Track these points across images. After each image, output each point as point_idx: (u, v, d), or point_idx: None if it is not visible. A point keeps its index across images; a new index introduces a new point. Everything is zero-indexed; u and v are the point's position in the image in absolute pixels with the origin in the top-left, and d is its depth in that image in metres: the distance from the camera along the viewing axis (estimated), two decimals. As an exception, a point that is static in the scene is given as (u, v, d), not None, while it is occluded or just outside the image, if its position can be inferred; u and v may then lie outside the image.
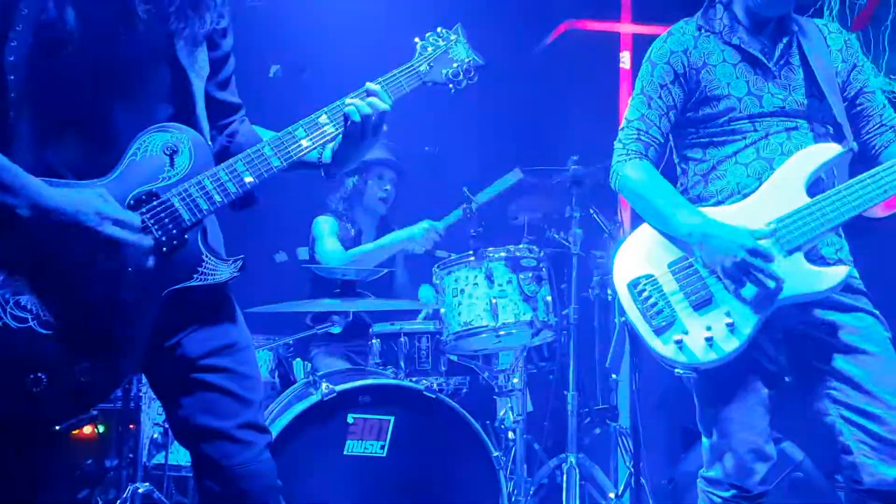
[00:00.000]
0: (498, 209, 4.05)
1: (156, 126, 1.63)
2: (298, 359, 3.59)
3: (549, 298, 3.16)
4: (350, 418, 2.71)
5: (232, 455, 1.66)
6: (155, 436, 3.22)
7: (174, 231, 1.61)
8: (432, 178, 4.26)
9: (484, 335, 3.10)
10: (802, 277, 1.97)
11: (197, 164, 1.65)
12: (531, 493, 3.27)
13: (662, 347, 2.02)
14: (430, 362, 3.28)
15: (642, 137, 2.20)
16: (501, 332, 3.09)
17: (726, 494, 2.08)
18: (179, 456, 3.21)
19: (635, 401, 3.40)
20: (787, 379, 2.09)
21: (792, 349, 2.06)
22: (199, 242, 1.66)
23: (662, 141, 2.20)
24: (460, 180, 3.59)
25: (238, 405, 1.69)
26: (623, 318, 2.10)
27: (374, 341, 3.30)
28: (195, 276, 1.63)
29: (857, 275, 2.08)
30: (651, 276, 2.08)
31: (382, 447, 2.72)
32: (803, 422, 2.22)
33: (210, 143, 1.73)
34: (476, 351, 3.38)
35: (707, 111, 2.14)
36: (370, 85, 1.82)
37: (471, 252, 3.16)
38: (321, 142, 1.77)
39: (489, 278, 3.10)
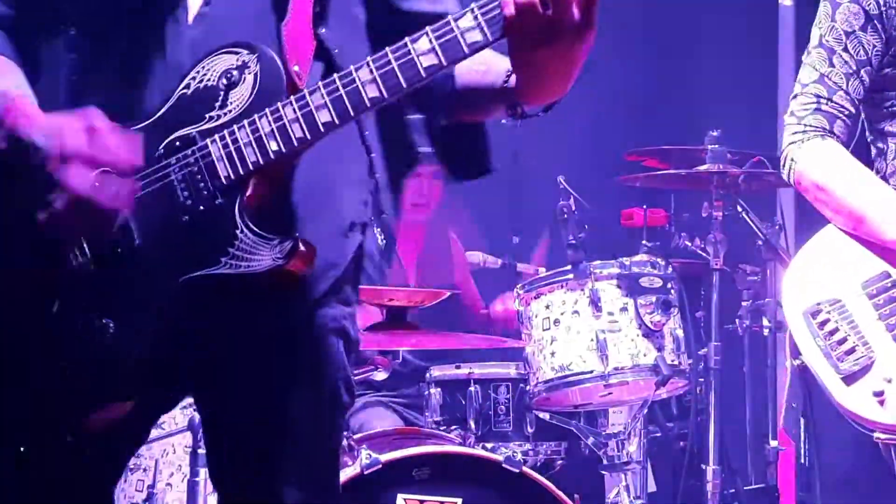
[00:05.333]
0: (607, 207, 4.02)
1: (224, 45, 1.56)
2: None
3: (679, 333, 3.12)
4: (401, 501, 2.70)
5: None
6: None
7: (204, 192, 1.55)
8: (512, 166, 4.26)
9: (588, 384, 3.08)
10: None
11: (259, 98, 1.55)
12: None
13: (855, 401, 2.01)
14: (510, 422, 3.26)
15: (824, 107, 2.19)
16: (612, 381, 3.06)
17: None
18: None
19: (810, 478, 3.33)
20: None
21: None
22: (237, 211, 1.55)
23: (853, 111, 2.20)
24: (553, 170, 3.58)
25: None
26: (798, 361, 2.10)
27: (431, 391, 3.28)
28: (223, 258, 1.55)
29: None
30: (838, 300, 2.06)
31: (446, 541, 2.70)
32: None
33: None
34: (577, 406, 3.34)
35: None
36: None
37: (569, 268, 3.14)
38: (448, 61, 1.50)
39: (595, 304, 3.07)
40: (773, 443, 3.80)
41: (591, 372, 3.03)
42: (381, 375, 3.09)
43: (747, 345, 3.90)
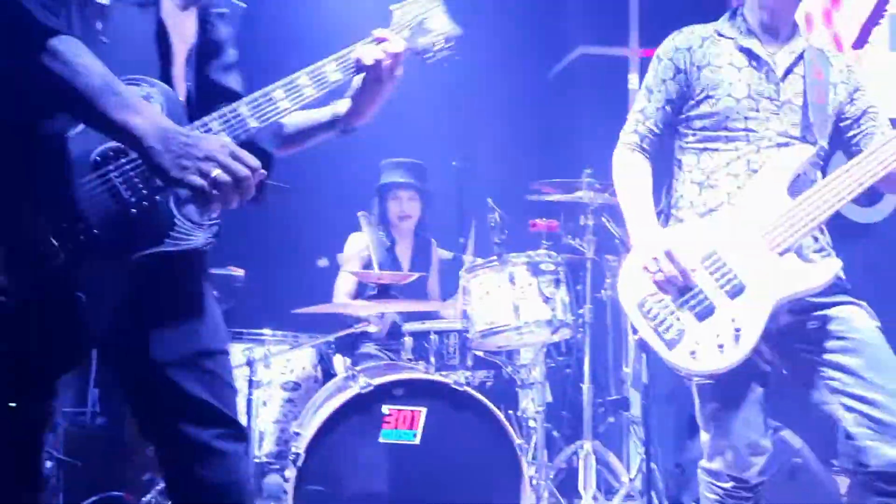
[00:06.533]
0: (519, 219, 4.02)
1: (125, 77, 1.36)
2: (339, 354, 3.56)
3: (566, 299, 3.10)
4: (385, 409, 2.67)
5: (209, 466, 1.47)
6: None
7: (144, 192, 1.37)
8: (460, 190, 4.24)
9: (507, 333, 3.06)
10: (798, 275, 1.90)
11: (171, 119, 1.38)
12: (550, 477, 3.22)
13: (678, 359, 1.93)
14: (458, 358, 3.23)
15: (639, 129, 2.13)
16: (523, 330, 3.04)
17: (726, 485, 2.03)
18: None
19: (645, 392, 3.36)
20: (784, 372, 2.03)
21: (786, 346, 1.99)
22: (172, 205, 1.41)
23: (659, 133, 2.13)
24: (485, 193, 3.57)
25: (217, 413, 1.49)
26: (637, 336, 2.00)
27: (406, 339, 3.26)
28: (166, 240, 1.39)
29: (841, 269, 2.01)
30: (655, 293, 1.98)
31: (415, 436, 2.68)
32: (801, 412, 2.16)
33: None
34: (500, 347, 3.32)
35: (704, 109, 2.05)
36: (378, 31, 1.59)
37: (495, 258, 3.12)
38: (300, 103, 1.50)
39: (511, 281, 3.05)
40: (626, 369, 3.82)
41: (508, 325, 3.02)
42: (374, 329, 3.08)
43: (609, 307, 3.90)
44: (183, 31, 1.52)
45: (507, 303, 3.02)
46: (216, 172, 1.30)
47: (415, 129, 4.49)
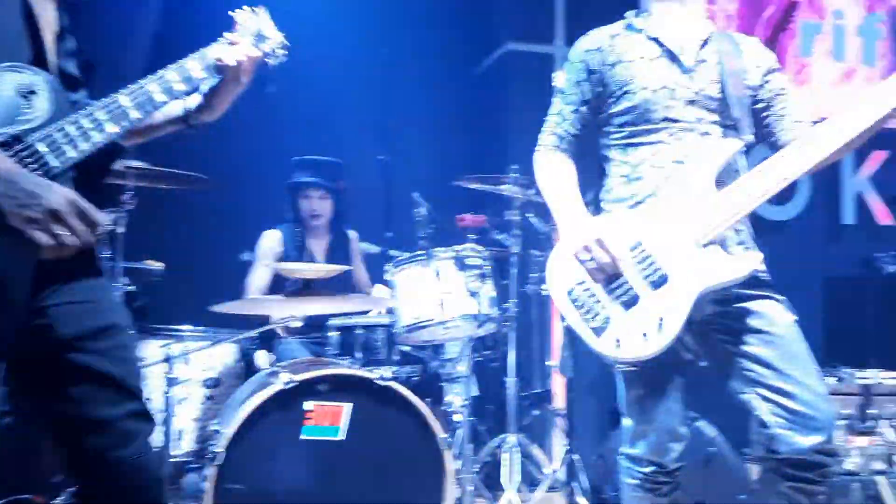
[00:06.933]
0: (447, 214, 4.01)
1: (6, 64, 1.37)
2: (261, 350, 3.47)
3: (491, 294, 3.10)
4: (308, 406, 2.61)
5: (118, 447, 1.46)
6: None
7: (42, 176, 1.37)
8: (387, 184, 4.20)
9: (432, 327, 3.03)
10: (719, 267, 1.94)
11: (57, 110, 1.41)
12: (476, 470, 3.22)
13: (603, 347, 1.97)
14: (384, 353, 3.20)
15: (556, 130, 2.16)
16: (449, 325, 3.02)
17: (646, 470, 2.08)
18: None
19: (569, 385, 3.40)
20: (702, 364, 2.08)
21: (706, 336, 2.04)
22: (73, 188, 1.41)
23: (577, 133, 2.15)
24: (412, 187, 3.54)
25: (123, 393, 1.48)
26: (565, 323, 2.04)
27: (331, 333, 3.20)
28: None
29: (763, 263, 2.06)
30: (582, 281, 2.01)
31: (338, 432, 2.62)
32: (716, 402, 2.24)
33: None
34: (426, 341, 3.31)
35: (624, 105, 2.07)
36: (231, 35, 1.71)
37: (421, 252, 3.09)
38: (173, 97, 1.60)
39: (438, 276, 3.03)
40: (550, 362, 3.85)
41: (434, 319, 3.00)
42: (296, 323, 3.00)
43: (535, 301, 3.93)
44: (48, 17, 1.52)
45: (433, 297, 3.00)
46: (63, 236, 1.33)
47: (342, 123, 4.45)
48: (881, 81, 1.92)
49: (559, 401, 3.81)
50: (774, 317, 1.99)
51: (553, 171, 2.14)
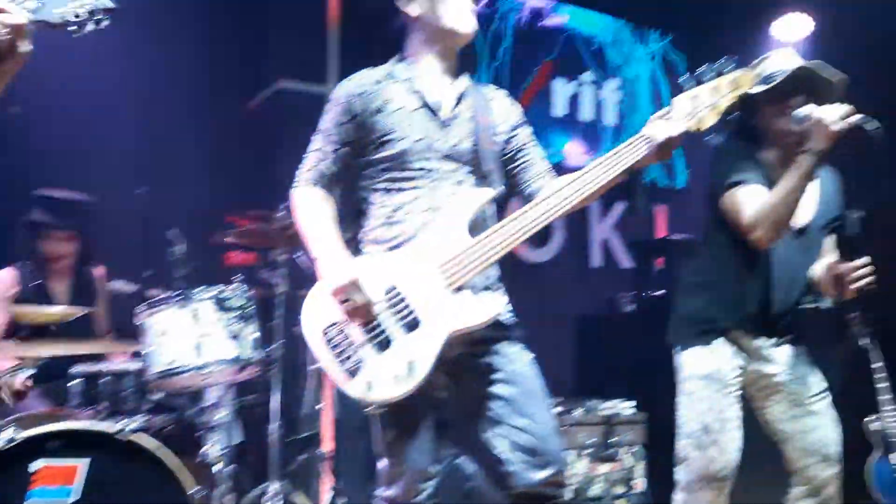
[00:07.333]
0: (215, 252, 3.83)
1: None
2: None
3: (255, 335, 2.97)
4: (35, 466, 2.34)
5: None
6: None
7: None
8: (145, 221, 3.93)
9: (189, 373, 2.84)
10: (468, 311, 2.02)
11: None
12: (236, 522, 3.05)
13: (354, 389, 1.97)
14: (133, 402, 2.93)
15: (316, 168, 2.15)
16: (206, 370, 2.84)
17: None
18: None
19: (337, 427, 3.35)
20: (452, 403, 2.13)
21: (457, 376, 2.12)
22: None
23: (335, 172, 2.16)
24: (178, 224, 3.34)
25: None
26: (317, 366, 2.01)
27: (73, 382, 2.90)
28: None
29: (509, 306, 2.20)
30: (338, 322, 2.01)
31: (71, 493, 2.36)
32: (471, 439, 2.28)
33: None
34: (182, 388, 3.07)
35: (384, 153, 2.12)
36: None
37: (178, 292, 2.91)
38: None
39: (195, 318, 2.85)
40: (318, 406, 3.78)
41: (190, 365, 2.82)
42: (26, 372, 2.68)
43: (303, 342, 3.82)
44: None
45: (190, 341, 2.83)
46: None
47: (102, 156, 4.14)
48: (617, 147, 2.11)
49: (328, 444, 3.73)
50: (515, 357, 2.11)
51: (312, 208, 2.13)
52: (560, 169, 2.33)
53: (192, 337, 2.83)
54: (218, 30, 4.57)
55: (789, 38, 5.36)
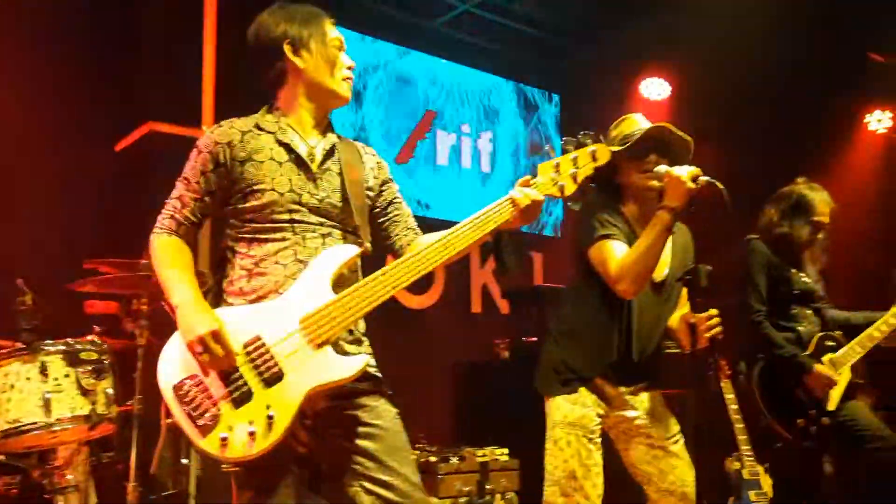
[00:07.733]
0: (75, 300, 3.60)
1: None
2: None
3: (111, 390, 2.84)
4: None
5: None
6: None
7: None
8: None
9: (36, 432, 2.67)
10: (331, 366, 1.97)
11: None
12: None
13: (208, 446, 1.87)
14: (-29, 464, 2.73)
15: (176, 216, 2.08)
16: (55, 427, 2.69)
17: None
18: None
19: (198, 486, 3.18)
20: (316, 459, 2.07)
21: (320, 431, 2.05)
22: None
23: (196, 221, 2.10)
24: (31, 272, 3.13)
25: None
26: (170, 420, 1.91)
27: None
28: None
29: (374, 361, 2.16)
30: (195, 375, 1.92)
31: None
32: (337, 495, 2.21)
33: None
34: (28, 448, 2.88)
35: (251, 203, 2.07)
36: None
37: (23, 346, 2.74)
38: None
39: (43, 373, 2.70)
40: (185, 461, 3.57)
41: (37, 423, 2.65)
42: None
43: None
44: None
45: (37, 397, 2.68)
46: None
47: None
48: (485, 209, 2.14)
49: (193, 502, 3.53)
50: (381, 411, 2.08)
51: (170, 256, 2.05)
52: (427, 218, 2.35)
53: (40, 392, 2.67)
54: (88, 67, 4.41)
55: (653, 97, 5.84)
